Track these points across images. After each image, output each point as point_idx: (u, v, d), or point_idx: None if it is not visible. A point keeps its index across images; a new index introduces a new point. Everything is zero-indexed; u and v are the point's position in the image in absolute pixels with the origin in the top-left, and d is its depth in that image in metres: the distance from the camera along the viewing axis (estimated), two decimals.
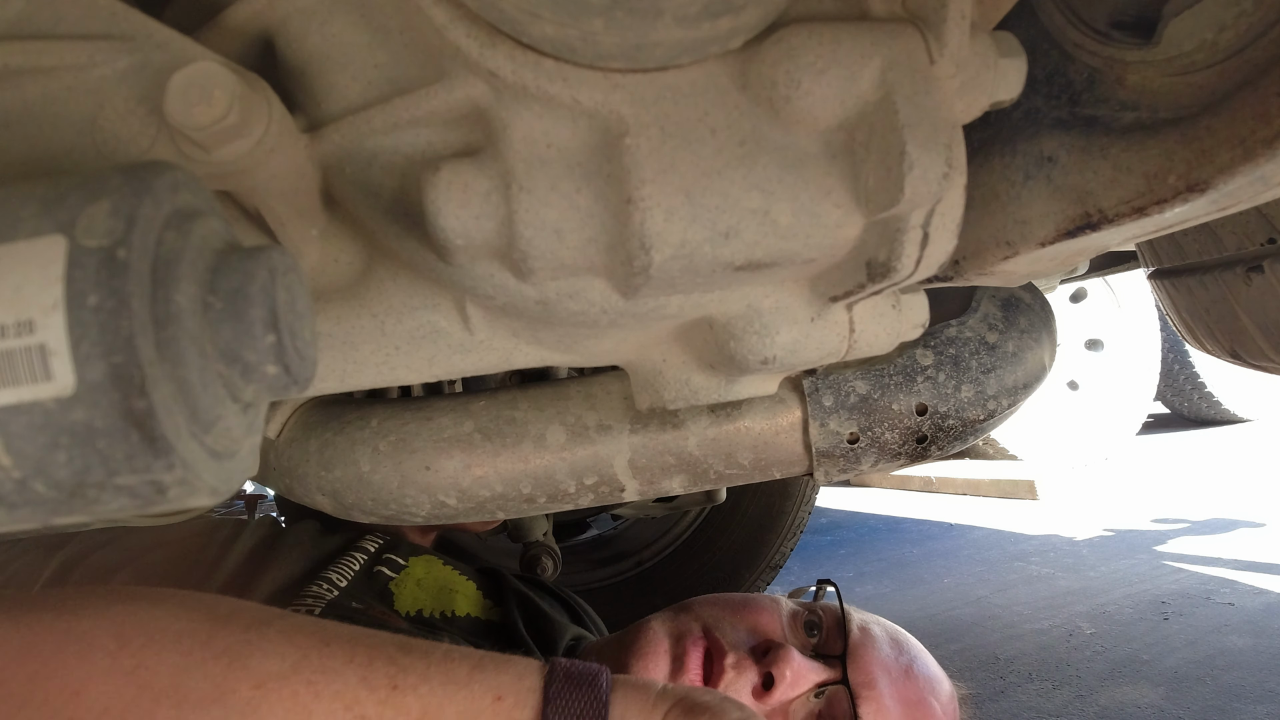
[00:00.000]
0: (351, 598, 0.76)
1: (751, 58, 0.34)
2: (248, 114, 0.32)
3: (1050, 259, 0.49)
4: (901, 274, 0.38)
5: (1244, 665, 1.53)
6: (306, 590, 0.76)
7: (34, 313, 0.22)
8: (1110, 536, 2.54)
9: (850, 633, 0.74)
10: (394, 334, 0.48)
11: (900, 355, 0.62)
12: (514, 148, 0.34)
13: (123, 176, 0.25)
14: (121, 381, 0.23)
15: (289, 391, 0.29)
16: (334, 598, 0.75)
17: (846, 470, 0.64)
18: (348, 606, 0.74)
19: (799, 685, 0.69)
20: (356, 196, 0.40)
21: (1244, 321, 0.93)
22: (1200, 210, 0.42)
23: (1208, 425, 4.45)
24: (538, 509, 0.65)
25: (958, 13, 0.34)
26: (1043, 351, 0.65)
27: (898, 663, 0.74)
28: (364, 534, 0.91)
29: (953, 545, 2.62)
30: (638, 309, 0.41)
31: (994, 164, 0.48)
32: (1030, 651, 1.69)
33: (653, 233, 0.34)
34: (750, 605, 0.77)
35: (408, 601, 0.82)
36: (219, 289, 0.27)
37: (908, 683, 0.73)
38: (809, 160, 0.35)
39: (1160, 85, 0.41)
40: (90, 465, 0.23)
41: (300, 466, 0.63)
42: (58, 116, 0.34)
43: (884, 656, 0.74)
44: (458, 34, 0.33)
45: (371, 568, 0.84)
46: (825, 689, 0.71)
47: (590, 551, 1.73)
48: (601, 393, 0.63)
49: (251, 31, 0.38)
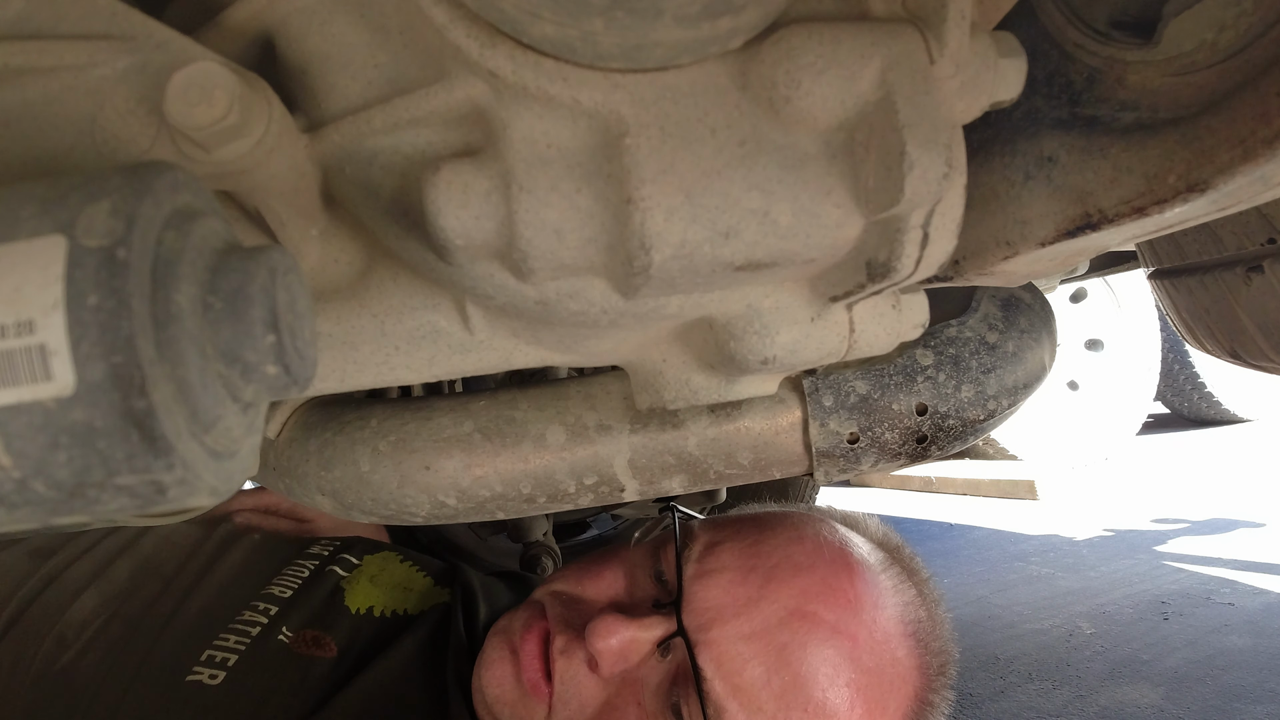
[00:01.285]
0: (286, 620, 0.72)
1: (751, 58, 0.34)
2: (248, 114, 0.32)
3: (1050, 259, 0.49)
4: (901, 274, 0.38)
5: (1244, 665, 1.54)
6: (240, 618, 0.71)
7: (34, 313, 0.22)
8: (1110, 536, 2.54)
9: (684, 569, 0.62)
10: (394, 334, 0.48)
11: (900, 355, 0.62)
12: (514, 148, 0.34)
13: (123, 176, 0.25)
14: (121, 381, 0.23)
15: (289, 391, 0.29)
16: (262, 629, 0.70)
17: (846, 470, 0.64)
18: (273, 642, 0.69)
19: (629, 654, 0.59)
20: (356, 196, 0.40)
21: (1244, 321, 0.93)
22: (1200, 210, 0.42)
23: (1208, 425, 4.45)
24: (538, 509, 0.65)
25: (958, 13, 0.34)
26: (1043, 351, 0.65)
27: (748, 581, 0.61)
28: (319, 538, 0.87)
29: (953, 545, 2.62)
30: (638, 309, 0.41)
31: (994, 164, 0.48)
32: (1030, 651, 1.69)
33: (653, 233, 0.34)
34: (594, 567, 0.69)
35: (359, 599, 0.79)
36: (219, 289, 0.27)
37: (764, 601, 0.59)
38: (809, 160, 0.35)
39: (1160, 85, 0.42)
40: (90, 465, 0.23)
41: (300, 466, 0.63)
42: (58, 116, 0.34)
43: (727, 581, 0.60)
44: (458, 34, 0.33)
45: (323, 569, 0.81)
46: (669, 643, 0.60)
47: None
48: (601, 393, 0.63)
49: (251, 31, 0.38)
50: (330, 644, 0.72)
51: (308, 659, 0.69)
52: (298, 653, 0.70)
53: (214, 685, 0.65)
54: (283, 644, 0.70)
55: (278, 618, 0.72)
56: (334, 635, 0.73)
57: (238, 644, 0.69)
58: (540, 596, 0.70)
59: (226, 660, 0.67)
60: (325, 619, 0.74)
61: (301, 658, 0.69)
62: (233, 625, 0.71)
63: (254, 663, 0.68)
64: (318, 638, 0.71)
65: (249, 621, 0.71)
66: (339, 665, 0.71)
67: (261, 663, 0.68)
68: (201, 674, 0.65)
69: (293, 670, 0.68)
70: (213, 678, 0.65)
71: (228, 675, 0.66)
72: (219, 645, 0.68)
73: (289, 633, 0.71)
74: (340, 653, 0.72)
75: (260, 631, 0.70)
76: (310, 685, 0.68)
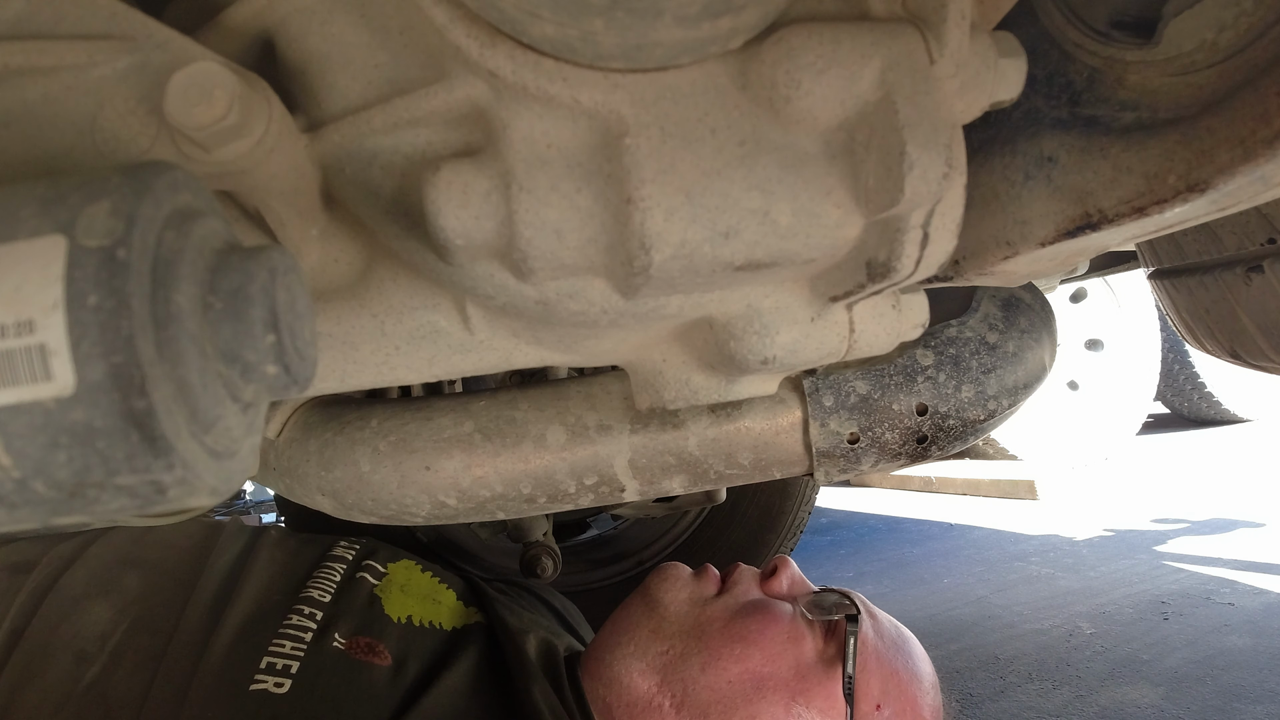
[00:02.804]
0: (334, 625, 0.72)
1: (751, 58, 0.34)
2: (248, 114, 0.32)
3: (1050, 259, 0.49)
4: (901, 274, 0.38)
5: (1244, 665, 1.53)
6: (288, 622, 0.71)
7: (34, 313, 0.22)
8: (1110, 536, 2.54)
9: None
10: (394, 334, 0.48)
11: (900, 355, 0.62)
12: (514, 148, 0.34)
13: (123, 176, 0.25)
14: (121, 381, 0.23)
15: (289, 391, 0.29)
16: (314, 634, 0.71)
17: (847, 470, 0.64)
18: (328, 648, 0.70)
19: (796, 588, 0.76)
20: (356, 196, 0.40)
21: (1244, 321, 0.93)
22: (1200, 210, 0.42)
23: (1208, 425, 4.45)
24: (538, 509, 0.65)
25: (958, 13, 0.34)
26: (1043, 351, 0.65)
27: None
28: (338, 540, 0.87)
29: (953, 545, 2.62)
30: (638, 309, 0.41)
31: (994, 164, 0.48)
32: (1030, 651, 1.69)
33: (653, 233, 0.34)
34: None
35: (397, 608, 0.79)
36: (219, 289, 0.27)
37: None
38: (809, 160, 0.35)
39: (1160, 85, 0.42)
40: (90, 465, 0.23)
41: (300, 466, 0.63)
42: (58, 116, 0.34)
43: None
44: (458, 34, 0.33)
45: (352, 575, 0.81)
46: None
47: (590, 551, 1.73)
48: (601, 393, 0.63)
49: (251, 31, 0.38)
50: (384, 651, 0.72)
51: (368, 665, 0.69)
52: (356, 659, 0.69)
53: (281, 694, 0.64)
54: (339, 650, 0.69)
55: (325, 623, 0.72)
56: (385, 643, 0.73)
57: (294, 650, 0.68)
58: None
59: (289, 668, 0.66)
60: (372, 626, 0.74)
61: (361, 664, 0.69)
62: (282, 631, 0.69)
63: (317, 669, 0.67)
64: (371, 644, 0.72)
65: (298, 626, 0.70)
66: (398, 674, 0.71)
67: (324, 669, 0.67)
68: (266, 682, 0.65)
69: (357, 677, 0.68)
70: (279, 686, 0.65)
71: (294, 682, 0.65)
72: (275, 652, 0.67)
73: (341, 639, 0.71)
74: (395, 662, 0.72)
75: (313, 637, 0.70)
76: (379, 693, 0.67)
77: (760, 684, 0.71)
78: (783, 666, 0.72)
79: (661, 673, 0.72)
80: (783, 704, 0.70)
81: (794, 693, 0.71)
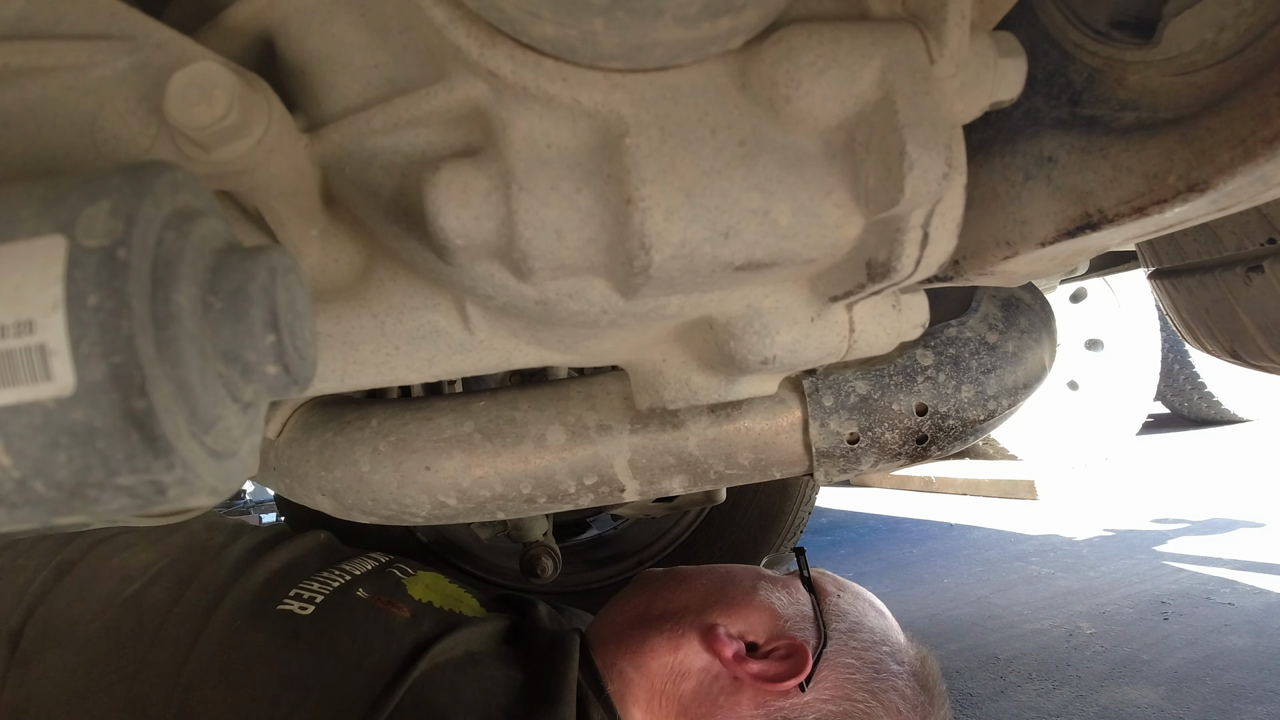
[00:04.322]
0: (359, 586, 0.78)
1: (751, 58, 0.34)
2: (248, 114, 0.32)
3: (1050, 259, 0.49)
4: (901, 274, 0.38)
5: (1244, 665, 1.53)
6: (319, 574, 0.78)
7: (34, 313, 0.22)
8: (1110, 536, 2.54)
9: None
10: (394, 334, 0.48)
11: (900, 355, 0.62)
12: (514, 148, 0.34)
13: (123, 176, 0.25)
14: (121, 381, 0.23)
15: (289, 391, 0.29)
16: (341, 584, 0.77)
17: (846, 470, 0.64)
18: (353, 595, 0.76)
19: None
20: (356, 196, 0.40)
21: (1244, 321, 0.93)
22: (1200, 210, 0.42)
23: (1208, 425, 4.45)
24: (538, 509, 0.65)
25: (958, 13, 0.34)
26: (1043, 351, 0.65)
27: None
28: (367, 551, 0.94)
29: (953, 545, 2.62)
30: (638, 309, 0.41)
31: (994, 164, 0.48)
32: (1030, 651, 1.69)
33: (653, 233, 0.34)
34: None
35: (420, 592, 0.84)
36: (219, 289, 0.27)
37: None
38: (809, 160, 0.35)
39: (1160, 85, 0.41)
40: (90, 465, 0.23)
41: (300, 466, 0.63)
42: (58, 116, 0.34)
43: None
44: (458, 34, 0.33)
45: (385, 567, 0.87)
46: None
47: (590, 551, 1.73)
48: (601, 393, 0.63)
49: (251, 31, 0.38)
50: (404, 607, 0.78)
51: (386, 612, 0.75)
52: (377, 605, 0.76)
53: (305, 615, 0.71)
54: (362, 598, 0.76)
55: (352, 581, 0.79)
56: (406, 605, 0.79)
57: (321, 588, 0.75)
58: None
59: (315, 598, 0.73)
60: (395, 592, 0.80)
61: (381, 610, 0.75)
62: (313, 576, 0.77)
63: (340, 604, 0.74)
64: (392, 601, 0.78)
65: (327, 577, 0.78)
66: (414, 623, 0.76)
67: (347, 605, 0.74)
68: (291, 605, 0.72)
69: (376, 617, 0.74)
70: (303, 609, 0.71)
71: (317, 609, 0.72)
72: (305, 587, 0.74)
73: (365, 593, 0.77)
74: (413, 615, 0.77)
75: (340, 585, 0.77)
76: (394, 631, 0.73)
77: None
78: None
79: None
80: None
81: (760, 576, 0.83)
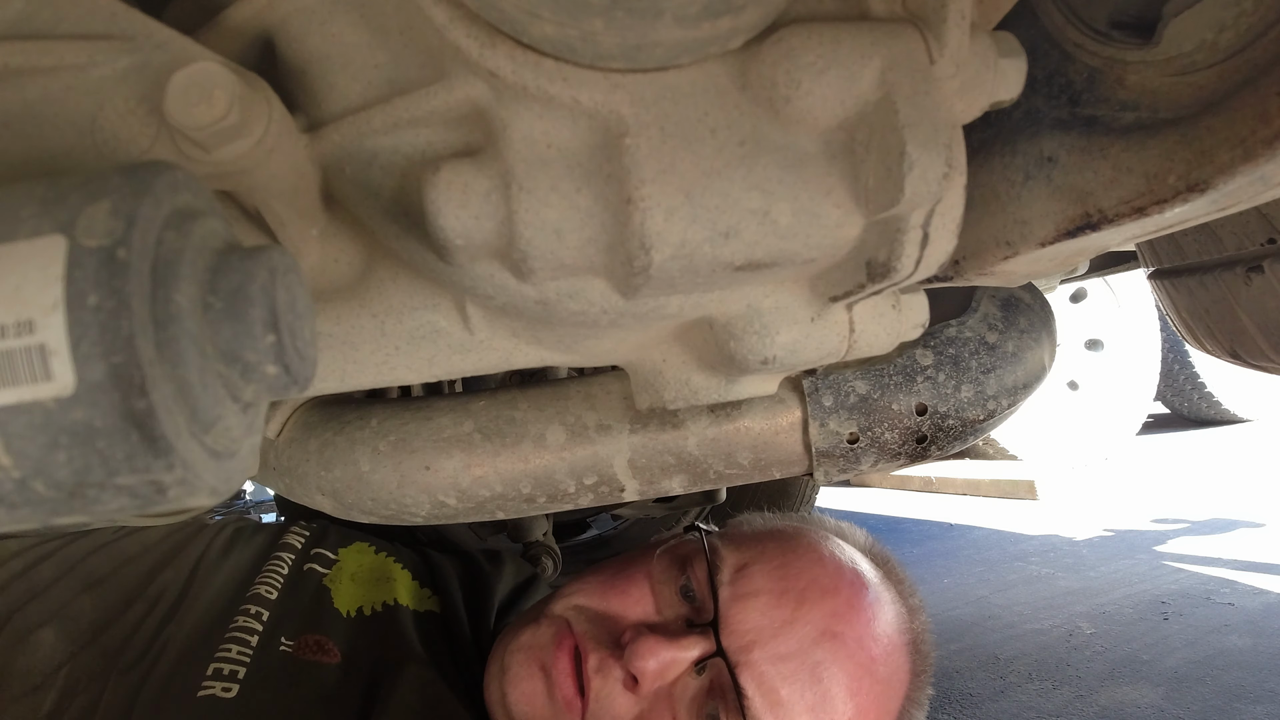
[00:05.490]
0: (281, 629, 0.71)
1: (751, 58, 0.34)
2: (248, 114, 0.32)
3: (1050, 259, 0.49)
4: (901, 274, 0.38)
5: (1244, 665, 1.54)
6: (235, 624, 0.70)
7: (34, 313, 0.22)
8: (1110, 536, 2.55)
9: (719, 590, 0.66)
10: (394, 334, 0.48)
11: (900, 355, 0.62)
12: (514, 148, 0.34)
13: (123, 176, 0.25)
14: (121, 381, 0.23)
15: (289, 391, 0.29)
16: (261, 635, 0.70)
17: (846, 470, 0.64)
18: (275, 651, 0.69)
19: (667, 673, 0.63)
20: (356, 196, 0.40)
21: (1244, 321, 0.93)
22: (1200, 210, 0.42)
23: (1208, 425, 4.45)
24: (538, 509, 0.65)
25: (958, 13, 0.34)
26: (1043, 351, 0.65)
27: (782, 605, 0.65)
28: (289, 526, 0.86)
29: (953, 545, 2.62)
30: (638, 309, 0.41)
31: (994, 164, 0.48)
32: (1030, 651, 1.69)
33: (653, 233, 0.34)
34: (618, 582, 0.71)
35: (345, 600, 0.78)
36: (219, 289, 0.27)
37: (798, 624, 0.65)
38: (809, 160, 0.35)
39: (1160, 85, 0.42)
40: (90, 465, 0.23)
41: (300, 466, 0.63)
42: (58, 116, 0.34)
43: (763, 605, 0.65)
44: (458, 34, 0.33)
45: (301, 567, 0.80)
46: (705, 663, 0.64)
47: (590, 551, 1.73)
48: (601, 393, 0.63)
49: (251, 31, 0.38)
50: (333, 648, 0.72)
51: (316, 665, 0.69)
52: (304, 659, 0.69)
53: (229, 698, 0.64)
54: (286, 652, 0.69)
55: (272, 625, 0.72)
56: (334, 640, 0.73)
57: (240, 655, 0.68)
58: (562, 611, 0.71)
59: (236, 673, 0.66)
60: (320, 623, 0.74)
61: (309, 664, 0.69)
62: (230, 635, 0.69)
63: (264, 673, 0.67)
64: (320, 642, 0.71)
65: (244, 629, 0.70)
66: (348, 672, 0.71)
67: (271, 672, 0.67)
68: (214, 688, 0.65)
69: (305, 679, 0.68)
70: (226, 690, 0.65)
71: (241, 687, 0.65)
72: (222, 657, 0.67)
73: (289, 641, 0.71)
74: (345, 658, 0.72)
75: (259, 641, 0.70)
76: (329, 693, 0.67)
77: None
78: None
79: None
80: None
81: None
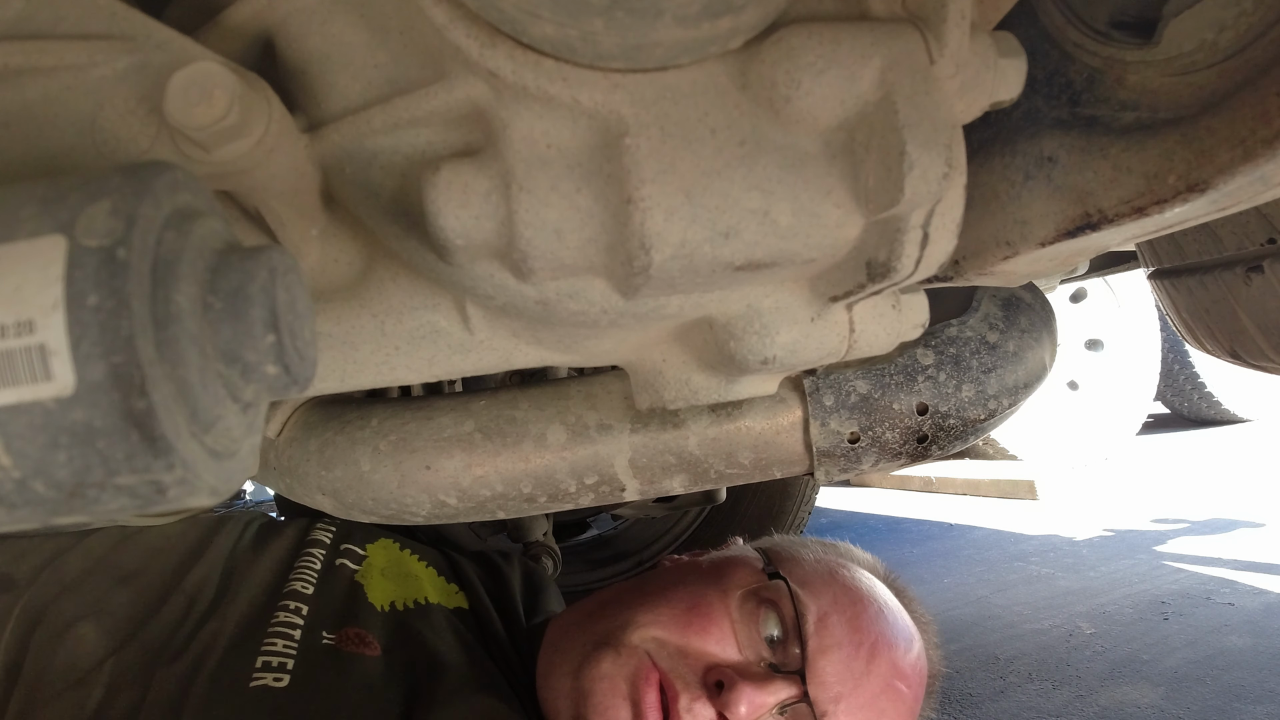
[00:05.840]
0: (322, 623, 0.73)
1: (751, 58, 0.34)
2: (248, 114, 0.32)
3: (1050, 259, 0.49)
4: (901, 274, 0.38)
5: (1244, 665, 1.54)
6: (276, 620, 0.72)
7: (34, 313, 0.22)
8: (1110, 536, 2.54)
9: (807, 642, 0.72)
10: (394, 334, 0.48)
11: (901, 355, 0.62)
12: (514, 148, 0.34)
13: (123, 176, 0.25)
14: (121, 381, 0.23)
15: (289, 391, 0.29)
16: (304, 630, 0.72)
17: (847, 470, 0.64)
18: (318, 644, 0.71)
19: (756, 715, 0.68)
20: (356, 196, 0.40)
21: (1244, 321, 0.93)
22: (1200, 210, 0.42)
23: (1208, 425, 4.45)
24: (538, 508, 0.65)
25: (958, 13, 0.34)
26: (1043, 351, 0.65)
27: (859, 657, 0.72)
28: (313, 524, 0.88)
29: (953, 545, 2.62)
30: (638, 309, 0.41)
31: (994, 164, 0.48)
32: (1030, 651, 1.69)
33: (653, 233, 0.34)
34: (695, 620, 0.74)
35: (379, 595, 0.80)
36: (219, 289, 0.27)
37: (871, 676, 0.72)
38: (809, 160, 0.35)
39: (1160, 85, 0.42)
40: (90, 465, 0.23)
41: (300, 466, 0.63)
42: (58, 116, 0.34)
43: (845, 657, 0.72)
44: (458, 34, 0.33)
45: (332, 562, 0.82)
46: (788, 707, 0.70)
47: (590, 551, 1.73)
48: (602, 392, 0.63)
49: (251, 31, 0.38)
50: (374, 641, 0.74)
51: (359, 657, 0.71)
52: (347, 651, 0.72)
53: (281, 687, 0.66)
54: (329, 646, 0.72)
55: (312, 619, 0.74)
56: (373, 633, 0.75)
57: (286, 648, 0.70)
58: (640, 642, 0.74)
59: (285, 664, 0.68)
60: (357, 617, 0.76)
61: (353, 656, 0.72)
62: (272, 629, 0.71)
63: (311, 664, 0.69)
64: (361, 635, 0.74)
65: (286, 624, 0.72)
66: (389, 664, 0.73)
67: (318, 663, 0.69)
68: (265, 678, 0.66)
69: (351, 670, 0.70)
70: (278, 680, 0.66)
71: (292, 676, 0.67)
72: (269, 650, 0.69)
73: (330, 635, 0.73)
74: (385, 650, 0.74)
75: (302, 635, 0.72)
76: (374, 684, 0.70)
77: None
78: None
79: None
80: None
81: None
